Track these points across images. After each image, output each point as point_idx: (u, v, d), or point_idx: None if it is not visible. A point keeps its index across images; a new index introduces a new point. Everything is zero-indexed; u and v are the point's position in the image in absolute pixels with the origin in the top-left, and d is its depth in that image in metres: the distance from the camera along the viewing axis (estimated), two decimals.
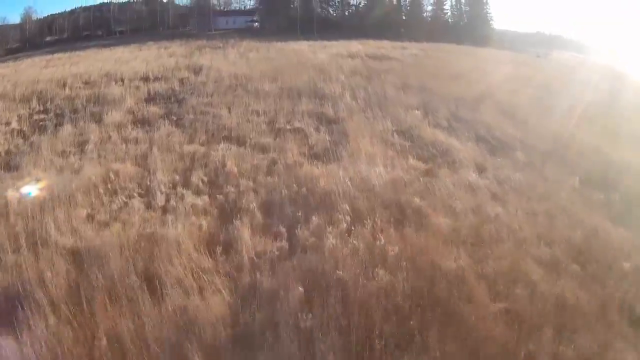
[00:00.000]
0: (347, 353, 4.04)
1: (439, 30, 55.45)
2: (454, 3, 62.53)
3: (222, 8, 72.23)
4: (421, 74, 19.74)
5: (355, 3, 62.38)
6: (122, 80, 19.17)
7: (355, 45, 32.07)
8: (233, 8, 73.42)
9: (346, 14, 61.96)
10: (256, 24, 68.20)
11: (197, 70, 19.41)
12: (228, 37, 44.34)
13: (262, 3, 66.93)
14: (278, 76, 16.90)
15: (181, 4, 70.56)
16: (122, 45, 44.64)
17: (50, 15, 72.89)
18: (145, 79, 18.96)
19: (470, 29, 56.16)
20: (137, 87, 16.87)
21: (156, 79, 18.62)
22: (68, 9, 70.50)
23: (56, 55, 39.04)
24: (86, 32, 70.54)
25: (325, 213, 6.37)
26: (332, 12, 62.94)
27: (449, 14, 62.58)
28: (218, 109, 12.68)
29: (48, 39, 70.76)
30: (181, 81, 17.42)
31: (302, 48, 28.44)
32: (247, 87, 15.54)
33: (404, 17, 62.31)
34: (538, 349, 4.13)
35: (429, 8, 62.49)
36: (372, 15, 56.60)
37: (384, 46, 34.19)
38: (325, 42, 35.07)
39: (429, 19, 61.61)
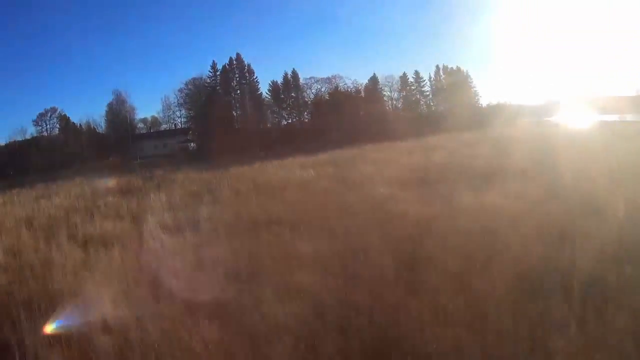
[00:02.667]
0: None
1: (417, 121, 47.57)
2: (432, 81, 55.52)
3: (149, 129, 60.12)
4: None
5: (312, 100, 52.72)
6: None
7: (364, 160, 20.30)
8: (163, 128, 61.73)
9: (305, 115, 52.45)
10: (192, 144, 56.48)
11: None
12: (156, 167, 31.42)
13: (195, 121, 55.72)
14: None
15: (101, 131, 58.42)
16: None
17: None
18: None
19: (457, 112, 48.58)
20: None
21: None
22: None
23: None
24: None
25: None
26: (285, 116, 53.10)
27: (430, 96, 55.69)
28: None
29: None
30: None
31: (291, 176, 15.75)
32: None
33: (361, 111, 54.19)
34: None
35: (395, 95, 55.73)
36: (335, 115, 47.59)
37: (402, 149, 22.84)
38: (309, 159, 23.11)
39: (399, 109, 54.41)
